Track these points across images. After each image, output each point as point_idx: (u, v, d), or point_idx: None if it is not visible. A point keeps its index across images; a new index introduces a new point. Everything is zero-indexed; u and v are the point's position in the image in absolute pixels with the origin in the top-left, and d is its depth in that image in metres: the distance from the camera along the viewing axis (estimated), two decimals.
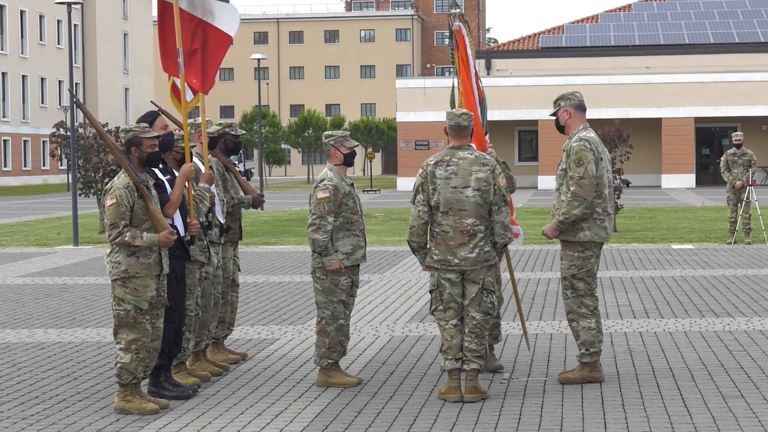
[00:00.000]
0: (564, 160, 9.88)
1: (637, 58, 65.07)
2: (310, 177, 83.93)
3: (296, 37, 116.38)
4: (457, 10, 10.52)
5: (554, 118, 10.13)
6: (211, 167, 10.43)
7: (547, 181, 57.30)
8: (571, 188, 9.71)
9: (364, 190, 56.26)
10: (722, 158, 23.58)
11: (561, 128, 10.12)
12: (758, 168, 48.49)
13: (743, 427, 8.22)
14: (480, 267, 9.32)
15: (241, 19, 10.61)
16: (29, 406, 9.30)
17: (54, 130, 35.15)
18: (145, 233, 8.95)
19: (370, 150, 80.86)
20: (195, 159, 10.31)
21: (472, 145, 9.59)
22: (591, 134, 9.94)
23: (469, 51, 10.54)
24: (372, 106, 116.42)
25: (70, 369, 10.85)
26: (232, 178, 10.98)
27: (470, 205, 9.30)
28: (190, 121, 10.61)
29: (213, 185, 10.29)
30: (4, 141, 78.76)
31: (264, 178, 64.33)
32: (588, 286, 9.83)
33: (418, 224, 9.40)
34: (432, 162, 9.46)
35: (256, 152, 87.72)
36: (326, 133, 10.16)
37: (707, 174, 60.62)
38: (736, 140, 23.70)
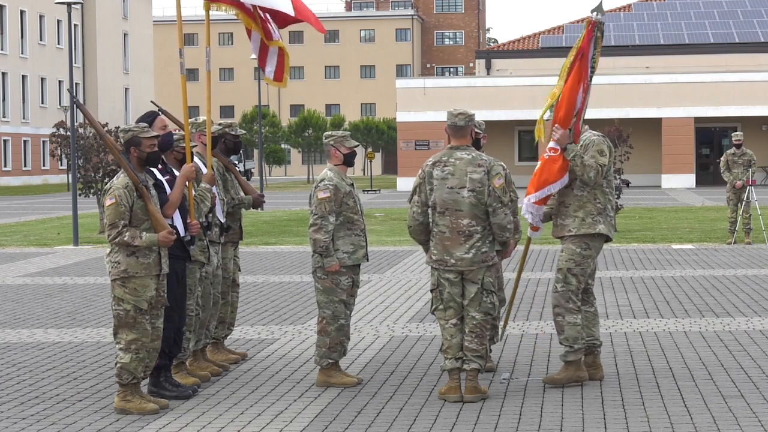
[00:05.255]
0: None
1: (637, 58, 65.09)
2: (310, 177, 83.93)
3: (296, 37, 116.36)
4: (598, 15, 9.94)
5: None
6: (212, 167, 10.42)
7: None
8: (593, 169, 9.60)
9: (364, 190, 56.25)
10: (722, 158, 23.59)
11: None
12: (758, 168, 48.51)
13: (743, 427, 8.22)
14: (477, 267, 9.30)
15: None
16: (29, 406, 9.30)
17: (54, 130, 35.20)
18: (144, 233, 8.95)
19: (370, 150, 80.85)
20: (196, 159, 10.31)
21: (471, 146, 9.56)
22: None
23: (590, 53, 10.01)
24: (372, 106, 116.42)
25: (70, 369, 10.85)
26: (232, 179, 10.97)
27: (466, 206, 9.29)
28: (191, 120, 10.62)
29: (214, 186, 10.29)
30: (4, 141, 78.76)
31: (264, 178, 64.33)
32: (579, 284, 9.76)
33: (414, 225, 9.44)
34: (430, 162, 9.48)
35: (256, 152, 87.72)
36: (326, 133, 10.17)
37: (707, 174, 60.62)
38: (736, 140, 23.70)
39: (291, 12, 10.24)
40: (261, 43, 10.51)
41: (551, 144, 9.87)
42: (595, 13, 9.92)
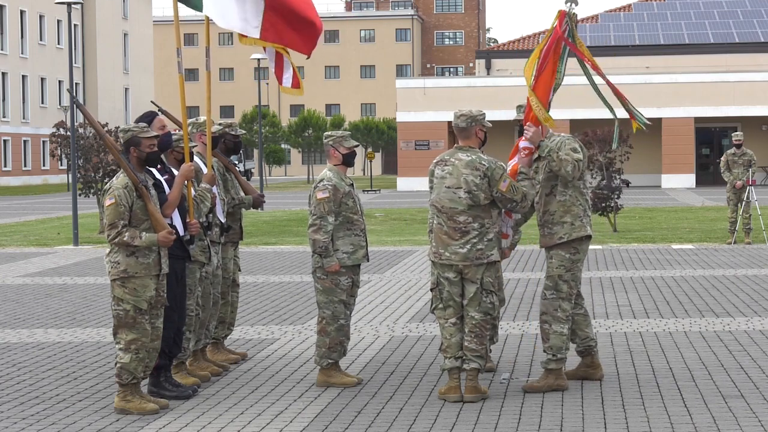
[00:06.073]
0: (545, 165, 9.73)
1: (637, 58, 65.08)
2: (310, 177, 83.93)
3: None
4: (572, 6, 9.92)
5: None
6: (212, 167, 10.42)
7: None
8: (570, 163, 9.53)
9: (364, 190, 56.25)
10: (722, 158, 23.59)
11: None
12: (758, 168, 48.50)
13: (743, 427, 8.22)
14: (472, 264, 9.28)
15: None
16: (29, 406, 9.30)
17: (54, 130, 35.19)
18: (144, 233, 8.96)
19: (370, 150, 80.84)
20: (196, 159, 10.30)
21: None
22: None
23: (564, 43, 9.97)
24: (372, 106, 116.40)
25: (70, 369, 10.85)
26: (232, 179, 10.97)
27: (463, 205, 9.30)
28: (191, 120, 10.62)
29: (214, 185, 10.28)
30: (4, 141, 78.75)
31: (264, 178, 64.32)
32: (571, 290, 9.67)
33: None
34: (435, 161, 9.54)
35: (256, 152, 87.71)
36: (326, 133, 10.18)
37: (707, 174, 60.60)
38: (736, 140, 23.70)
39: (257, 35, 10.23)
40: (276, 54, 10.49)
41: (524, 144, 9.83)
42: (569, 4, 9.92)
